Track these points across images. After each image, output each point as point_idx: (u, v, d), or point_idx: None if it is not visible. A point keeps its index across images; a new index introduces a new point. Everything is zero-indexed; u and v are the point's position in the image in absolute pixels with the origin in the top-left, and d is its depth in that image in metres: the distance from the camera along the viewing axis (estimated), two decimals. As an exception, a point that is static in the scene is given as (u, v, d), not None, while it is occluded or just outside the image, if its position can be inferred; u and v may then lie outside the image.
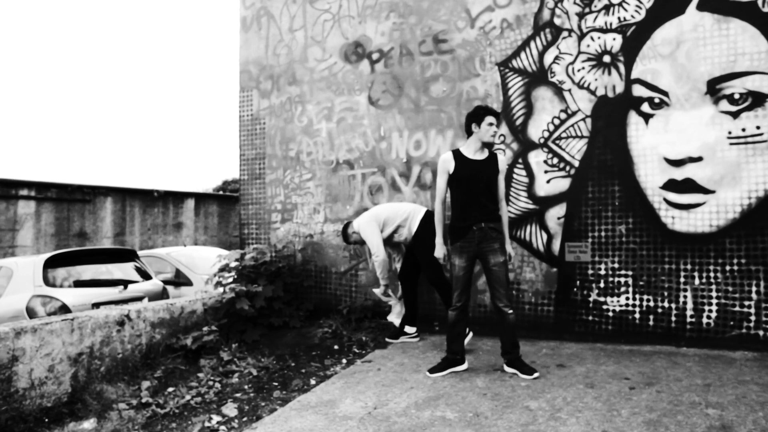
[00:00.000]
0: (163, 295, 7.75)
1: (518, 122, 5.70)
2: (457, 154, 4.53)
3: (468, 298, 4.60)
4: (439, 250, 4.72)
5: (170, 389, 4.73)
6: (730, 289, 4.92)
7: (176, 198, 18.14)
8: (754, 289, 4.85)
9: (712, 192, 4.98)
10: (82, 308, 6.37)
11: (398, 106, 6.30)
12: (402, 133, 6.27)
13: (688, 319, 5.04)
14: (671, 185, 5.11)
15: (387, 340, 5.69)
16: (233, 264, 6.22)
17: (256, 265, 6.20)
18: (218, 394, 4.60)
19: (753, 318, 4.85)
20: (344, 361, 5.16)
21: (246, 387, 4.68)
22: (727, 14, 4.99)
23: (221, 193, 23.56)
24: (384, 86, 6.39)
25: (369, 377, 4.61)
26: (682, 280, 5.08)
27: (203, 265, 8.87)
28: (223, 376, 4.94)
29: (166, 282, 8.49)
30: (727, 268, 4.93)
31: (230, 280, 6.15)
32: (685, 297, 5.06)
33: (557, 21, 5.58)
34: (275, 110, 7.03)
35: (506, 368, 4.55)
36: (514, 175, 5.70)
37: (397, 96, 6.32)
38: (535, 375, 4.37)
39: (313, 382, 4.66)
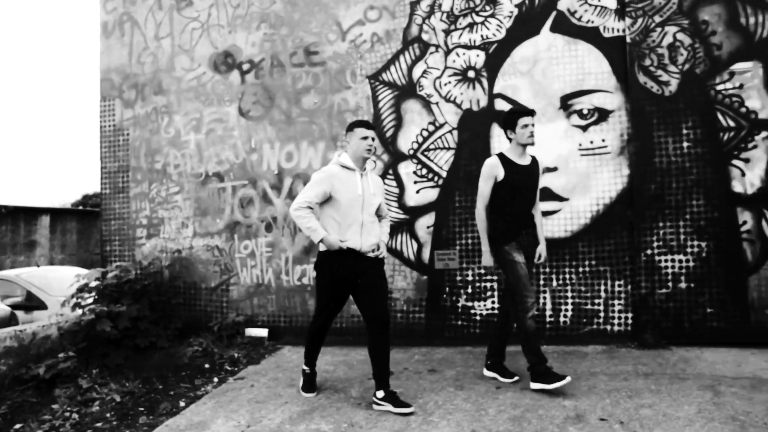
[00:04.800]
0: (11, 321, 7.07)
1: (388, 134, 5.83)
2: (504, 159, 4.26)
3: None
4: (490, 259, 4.28)
5: (18, 426, 4.30)
6: (583, 288, 5.33)
7: (28, 214, 16.64)
8: (602, 288, 5.30)
9: (567, 200, 5.38)
10: None
11: (269, 117, 6.22)
12: (273, 145, 6.19)
13: (548, 319, 5.39)
14: (530, 194, 5.45)
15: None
16: (93, 283, 5.79)
17: (119, 284, 5.82)
18: (76, 425, 4.24)
19: (602, 314, 5.29)
20: (216, 379, 4.96)
21: (108, 415, 4.36)
22: (575, 37, 5.43)
23: (81, 208, 21.95)
24: (255, 97, 6.28)
25: (242, 395, 4.48)
26: (541, 282, 5.42)
27: (59, 287, 8.19)
28: (82, 405, 4.57)
29: (15, 306, 7.77)
30: (580, 269, 5.34)
31: (90, 300, 5.72)
32: (544, 298, 5.40)
33: (425, 36, 5.79)
34: (140, 121, 6.67)
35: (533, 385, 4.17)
36: (385, 186, 5.81)
37: (268, 107, 6.23)
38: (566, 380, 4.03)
39: (182, 403, 4.43)
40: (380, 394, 3.99)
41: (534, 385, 4.12)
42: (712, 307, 5.06)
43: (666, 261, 5.16)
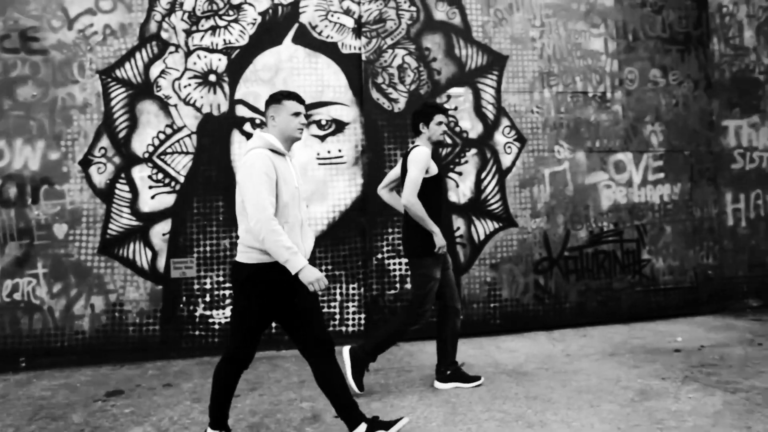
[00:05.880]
0: None
1: (121, 135, 5.42)
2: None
3: None
4: (443, 239, 4.08)
5: None
6: (320, 293, 5.51)
7: None
8: (338, 291, 5.57)
9: (305, 207, 5.52)
10: None
11: (-25, 108, 5.37)
12: (-21, 141, 5.35)
13: (287, 324, 5.48)
14: (271, 200, 5.51)
15: None
16: None
17: None
18: None
19: (338, 316, 5.57)
20: None
21: None
22: (316, 50, 5.65)
23: None
24: (-45, 84, 5.37)
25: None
26: (281, 288, 5.49)
27: None
28: None
29: None
30: (318, 274, 5.54)
31: None
32: (283, 304, 5.49)
33: (164, 35, 5.52)
34: None
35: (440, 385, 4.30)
36: (117, 191, 5.39)
37: (-27, 96, 5.38)
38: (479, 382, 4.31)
39: None
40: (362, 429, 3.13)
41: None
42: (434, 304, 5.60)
43: (394, 264, 5.61)
